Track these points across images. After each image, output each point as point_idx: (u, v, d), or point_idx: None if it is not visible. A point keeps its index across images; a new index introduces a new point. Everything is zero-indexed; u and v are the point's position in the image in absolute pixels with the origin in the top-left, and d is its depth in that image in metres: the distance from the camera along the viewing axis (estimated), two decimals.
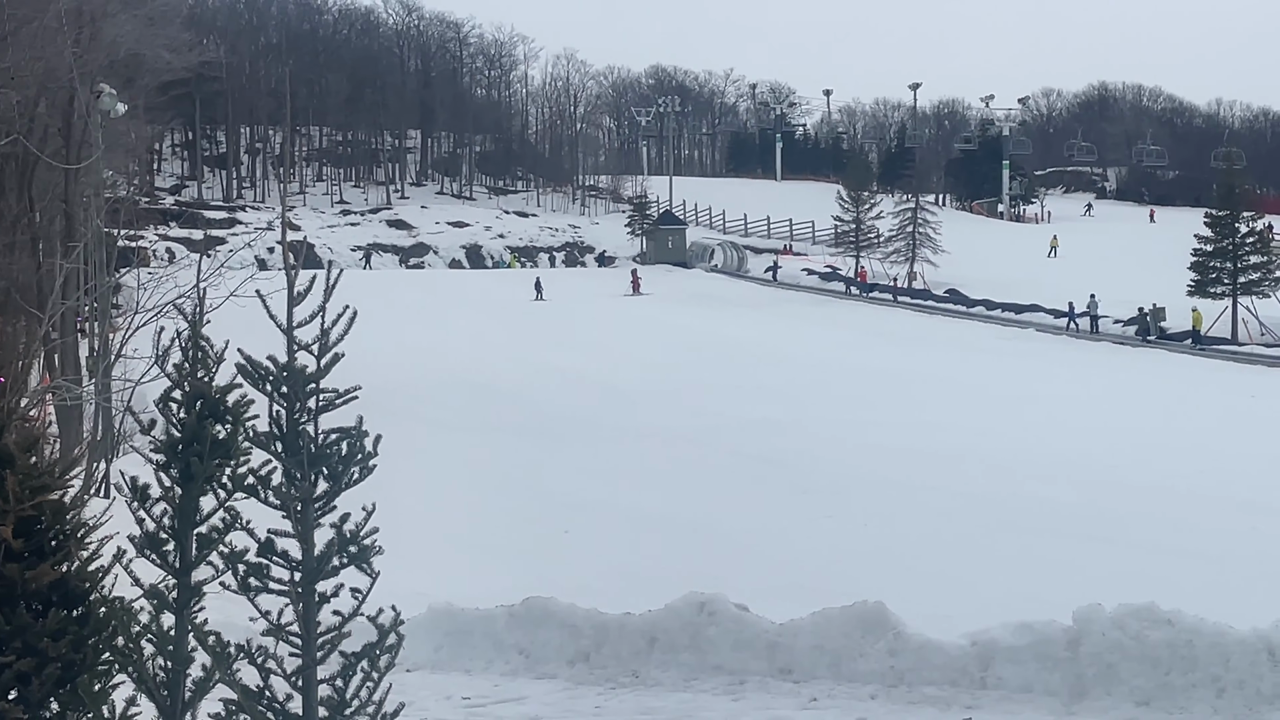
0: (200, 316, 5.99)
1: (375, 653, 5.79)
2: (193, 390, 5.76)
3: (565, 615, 14.68)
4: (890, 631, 13.04)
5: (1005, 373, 54.61)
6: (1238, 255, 73.50)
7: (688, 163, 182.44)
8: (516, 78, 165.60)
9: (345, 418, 5.89)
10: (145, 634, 5.57)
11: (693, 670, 13.52)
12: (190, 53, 57.87)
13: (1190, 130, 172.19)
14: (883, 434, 39.37)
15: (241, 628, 6.11)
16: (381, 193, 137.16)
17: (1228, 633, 11.90)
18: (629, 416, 43.34)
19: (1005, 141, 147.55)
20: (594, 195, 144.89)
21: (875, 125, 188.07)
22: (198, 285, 7.18)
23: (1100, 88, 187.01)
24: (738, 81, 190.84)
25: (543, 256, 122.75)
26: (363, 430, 5.89)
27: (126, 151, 52.69)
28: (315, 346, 5.83)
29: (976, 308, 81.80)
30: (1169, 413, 44.20)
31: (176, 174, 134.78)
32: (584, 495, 31.91)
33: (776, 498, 31.47)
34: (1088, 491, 31.27)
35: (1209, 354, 65.15)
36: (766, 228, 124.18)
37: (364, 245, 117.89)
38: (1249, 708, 11.31)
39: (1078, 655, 12.14)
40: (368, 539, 5.82)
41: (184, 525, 5.70)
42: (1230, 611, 12.77)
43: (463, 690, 13.66)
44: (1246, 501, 29.72)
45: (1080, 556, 24.45)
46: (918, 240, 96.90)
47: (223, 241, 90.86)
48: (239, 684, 5.60)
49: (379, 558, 5.89)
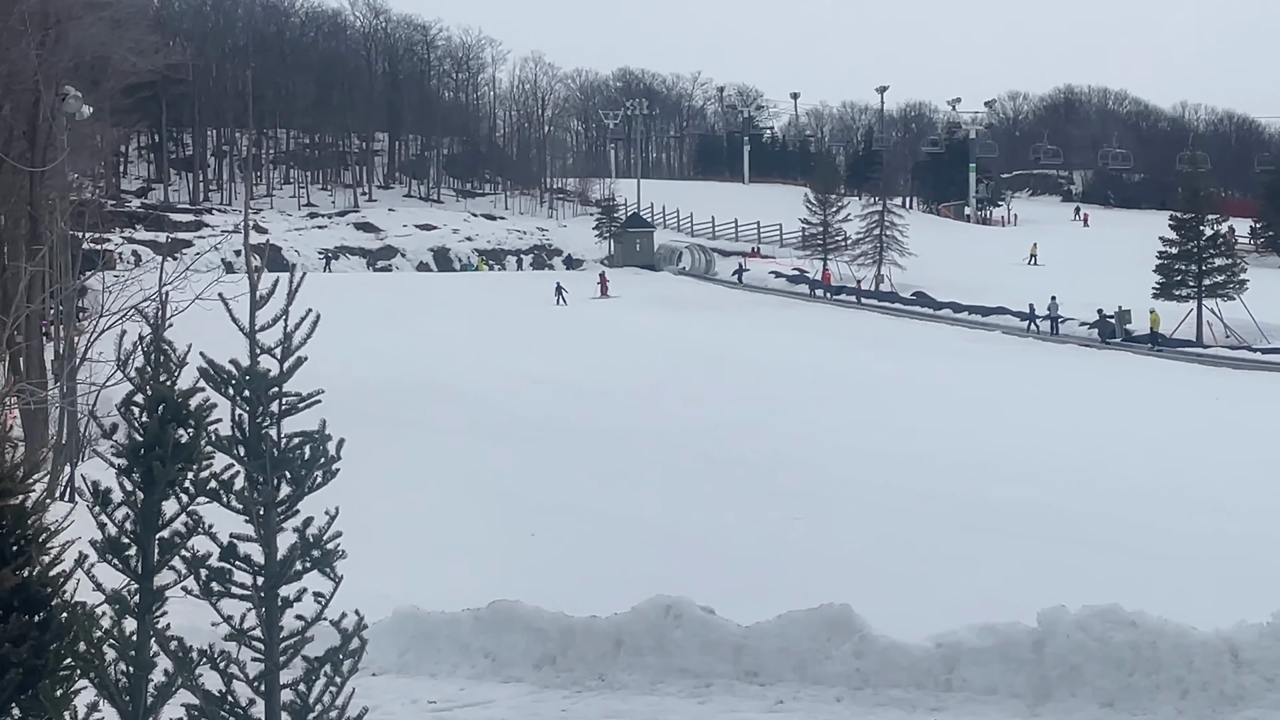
0: (162, 320, 5.98)
1: (339, 657, 5.77)
2: (155, 394, 5.74)
3: (531, 618, 14.67)
4: (856, 634, 13.06)
5: (972, 375, 54.73)
6: (1202, 258, 73.84)
7: (655, 165, 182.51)
8: (484, 80, 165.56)
9: (309, 421, 5.88)
10: (107, 639, 5.55)
11: (659, 673, 13.52)
12: (156, 55, 57.69)
13: (1155, 133, 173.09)
14: (849, 436, 39.43)
15: (204, 633, 6.09)
16: (349, 195, 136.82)
17: (1191, 634, 11.95)
18: (595, 419, 43.31)
19: (972, 145, 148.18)
20: (562, 198, 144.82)
21: (842, 128, 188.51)
22: (160, 289, 7.17)
23: (1066, 91, 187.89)
24: (705, 84, 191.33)
25: (510, 259, 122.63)
26: (326, 434, 5.88)
27: (92, 154, 52.50)
28: (278, 350, 5.82)
29: (943, 310, 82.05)
30: (1134, 415, 44.34)
31: (142, 176, 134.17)
32: (550, 498, 31.86)
33: (743, 500, 31.46)
34: (1053, 493, 31.34)
35: (1175, 356, 65.42)
36: (734, 230, 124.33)
37: (331, 248, 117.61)
38: (1212, 709, 11.36)
39: (1042, 657, 12.18)
40: (331, 543, 5.81)
41: (146, 530, 5.69)
42: (1194, 613, 12.82)
43: (428, 694, 13.63)
44: (1210, 503, 29.83)
45: (1045, 558, 24.51)
46: (885, 243, 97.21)
47: (189, 244, 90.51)
48: (201, 689, 5.59)
49: (343, 562, 5.88)
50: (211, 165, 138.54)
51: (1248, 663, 11.56)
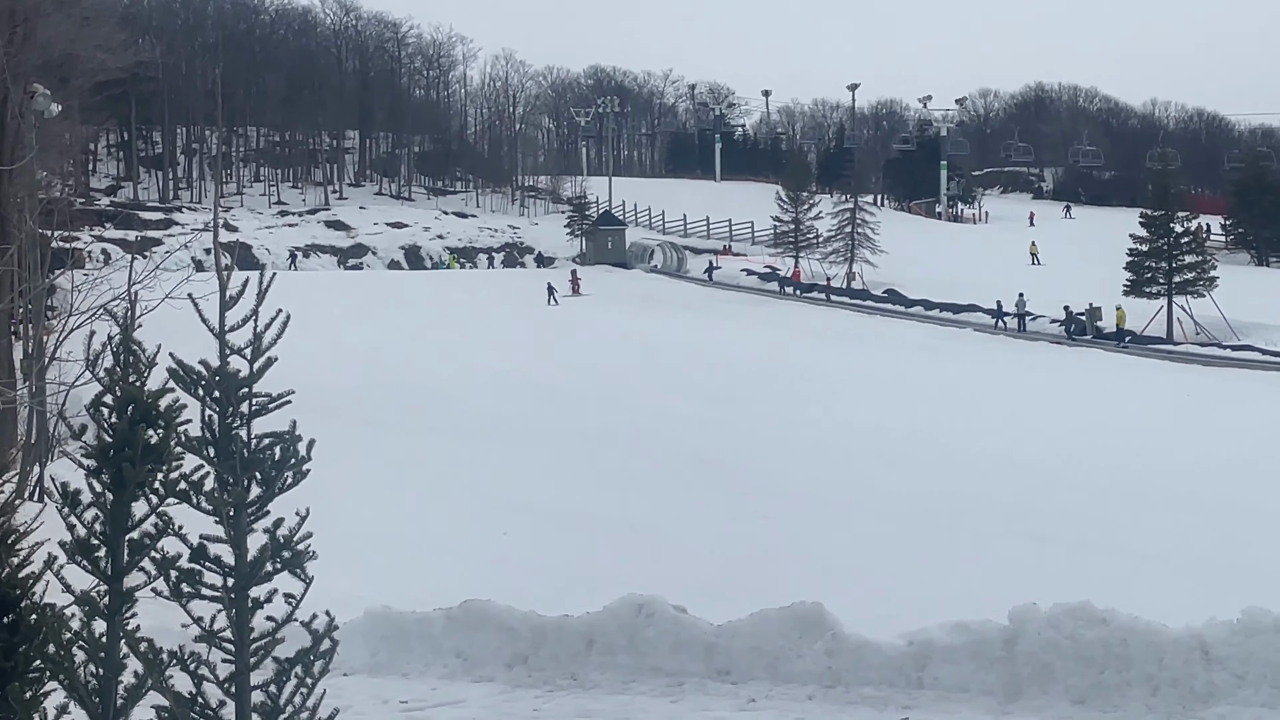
0: (132, 320, 5.95)
1: (309, 658, 5.75)
2: (124, 395, 5.72)
3: (503, 618, 14.65)
4: (828, 632, 13.07)
5: (942, 373, 54.87)
6: (1172, 255, 74.11)
7: (627, 163, 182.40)
8: (455, 78, 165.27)
9: (279, 422, 5.86)
10: (76, 641, 5.53)
11: (631, 672, 13.52)
12: (125, 53, 57.37)
13: (1126, 131, 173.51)
14: (820, 434, 39.51)
15: (174, 634, 6.07)
16: (319, 193, 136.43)
17: (1162, 631, 11.99)
18: (567, 418, 43.32)
19: (943, 142, 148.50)
20: (533, 196, 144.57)
21: (814, 126, 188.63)
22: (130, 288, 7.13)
23: (1037, 89, 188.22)
24: (677, 82, 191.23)
25: (482, 257, 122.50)
26: (296, 434, 5.86)
27: (61, 152, 52.25)
28: (248, 350, 5.80)
29: (914, 308, 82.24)
30: (1105, 412, 44.50)
31: (112, 175, 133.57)
32: (521, 497, 31.86)
33: (715, 498, 31.51)
34: (1024, 491, 31.47)
35: (1145, 353, 65.67)
36: (706, 228, 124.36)
37: (302, 246, 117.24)
38: (1183, 706, 11.39)
39: (1013, 655, 12.20)
40: (301, 544, 5.79)
41: (115, 531, 5.66)
42: (1164, 610, 12.87)
43: (400, 694, 13.61)
44: (1181, 500, 29.99)
45: (1016, 556, 24.60)
46: (856, 240, 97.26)
47: (159, 243, 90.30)
48: (171, 691, 5.56)
49: (313, 562, 5.86)
50: (181, 163, 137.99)
51: (1218, 659, 11.60)
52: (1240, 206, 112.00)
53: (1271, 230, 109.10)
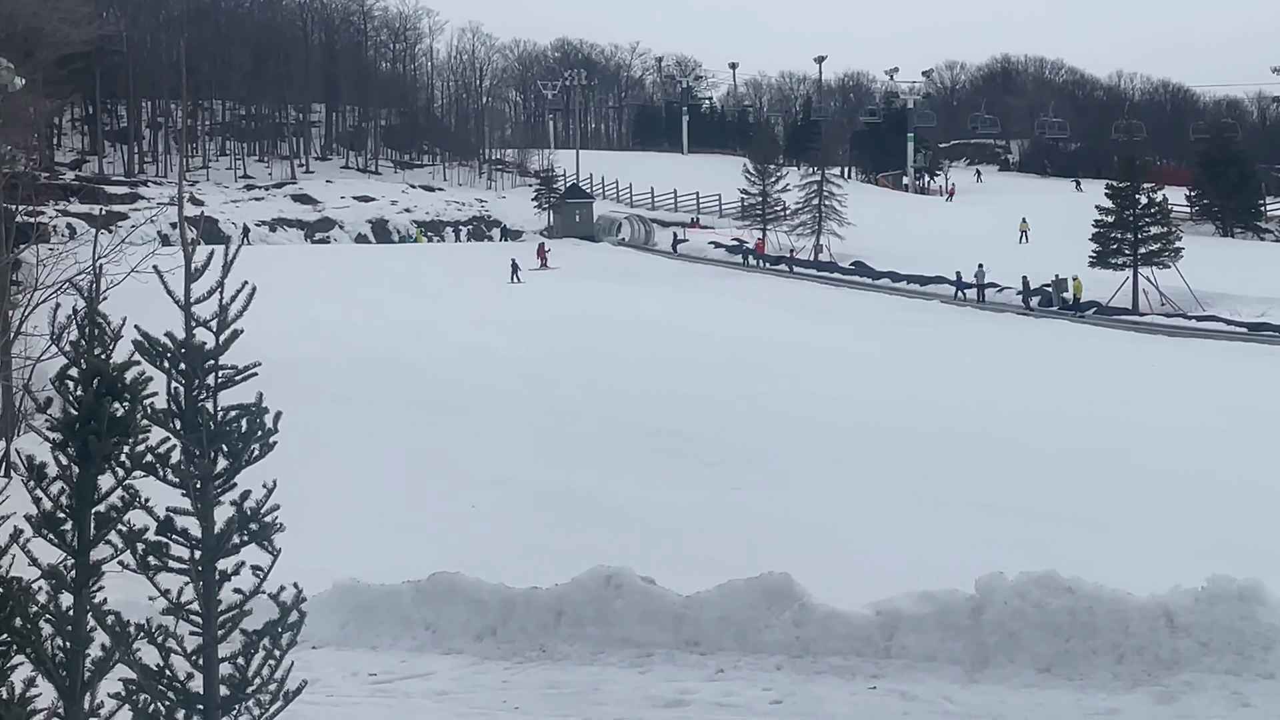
0: (97, 293, 5.93)
1: (277, 630, 5.76)
2: (90, 368, 5.70)
3: (472, 590, 14.67)
4: (796, 603, 13.13)
5: (909, 344, 54.98)
6: (1137, 226, 74.33)
7: (594, 136, 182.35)
8: (421, 51, 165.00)
9: (245, 394, 5.86)
10: (43, 614, 5.51)
11: (600, 643, 13.56)
12: (89, 25, 57.17)
13: (1091, 102, 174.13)
14: (788, 406, 39.55)
15: (141, 607, 6.06)
16: (286, 167, 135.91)
17: (1127, 600, 12.07)
18: (534, 391, 43.29)
19: (910, 114, 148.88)
20: (500, 169, 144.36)
21: (781, 98, 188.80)
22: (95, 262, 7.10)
23: (1003, 61, 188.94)
24: (644, 55, 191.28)
25: (449, 231, 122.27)
26: (263, 407, 5.85)
27: (25, 126, 51.91)
28: (214, 323, 5.79)
29: (882, 279, 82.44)
30: (1069, 383, 44.65)
31: (77, 149, 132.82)
32: (490, 470, 31.85)
33: (683, 471, 31.53)
34: (990, 461, 31.55)
35: (1111, 324, 65.89)
36: (674, 201, 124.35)
37: (269, 220, 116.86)
38: (1148, 673, 11.48)
39: (980, 624, 12.28)
40: (269, 516, 5.79)
41: (82, 504, 5.64)
42: (1129, 579, 12.96)
43: (369, 667, 13.63)
44: (1145, 470, 30.10)
45: (982, 526, 24.68)
46: (824, 213, 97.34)
47: (124, 217, 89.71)
48: (139, 663, 5.56)
49: (281, 535, 5.85)
50: (146, 137, 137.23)
51: (1183, 627, 11.68)
52: (1205, 178, 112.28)
53: (1236, 201, 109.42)
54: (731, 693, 11.95)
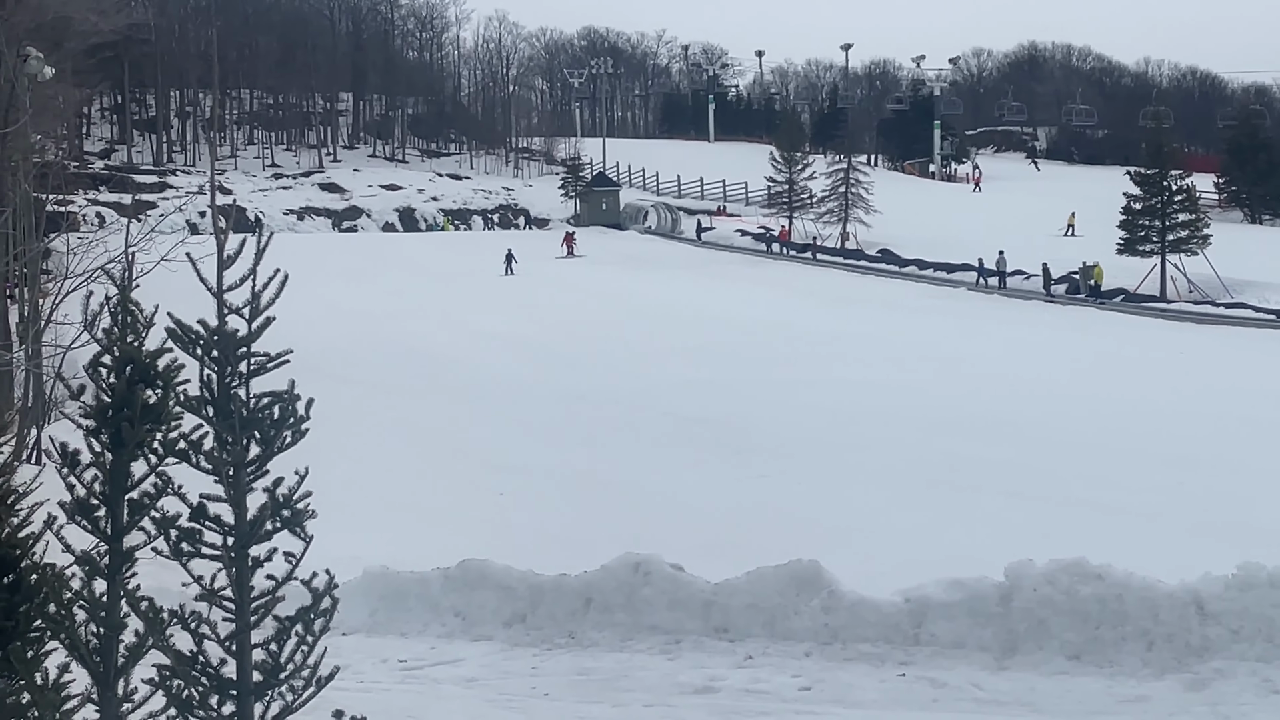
0: (129, 280, 5.95)
1: (310, 617, 5.77)
2: (122, 355, 5.71)
3: (501, 577, 14.70)
4: (825, 590, 13.12)
5: (937, 331, 54.86)
6: (1166, 213, 74.04)
7: (621, 124, 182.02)
8: (448, 40, 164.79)
9: (277, 381, 5.87)
10: (77, 601, 5.54)
11: (629, 630, 13.57)
12: (118, 15, 57.16)
13: (1119, 89, 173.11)
14: (816, 394, 39.51)
15: (174, 593, 6.08)
16: (313, 156, 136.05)
17: (1157, 586, 12.05)
18: (563, 379, 43.31)
19: (936, 102, 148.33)
20: (527, 157, 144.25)
21: (807, 86, 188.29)
22: (126, 250, 7.12)
23: (1030, 47, 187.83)
24: (670, 43, 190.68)
25: (476, 219, 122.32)
26: (295, 394, 5.86)
27: (54, 115, 52.10)
28: (246, 310, 5.80)
29: (909, 267, 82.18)
30: (1100, 370, 44.52)
31: (106, 138, 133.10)
32: (519, 458, 31.90)
33: (711, 458, 31.53)
34: (1019, 448, 31.48)
35: (1139, 311, 65.61)
36: (700, 189, 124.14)
37: (296, 209, 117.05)
38: (1178, 660, 11.45)
39: (1009, 611, 12.26)
40: (301, 503, 5.80)
41: (115, 491, 5.67)
42: (1159, 566, 12.92)
43: (399, 653, 13.67)
44: (1175, 457, 30.00)
45: (1012, 513, 24.64)
46: (850, 200, 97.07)
47: (153, 206, 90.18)
48: (172, 650, 5.58)
49: (313, 522, 5.86)
50: (175, 126, 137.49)
51: (1213, 615, 11.65)
52: (1233, 164, 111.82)
53: (1264, 188, 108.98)
54: (760, 679, 11.95)
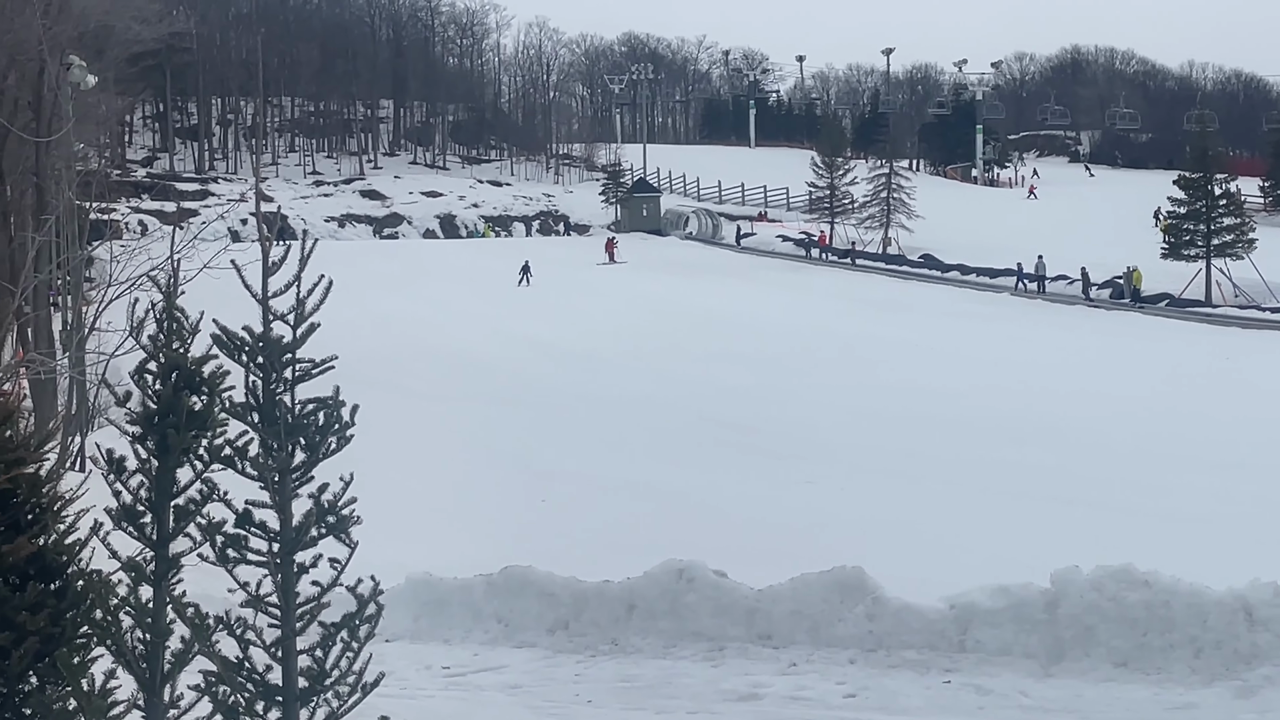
0: (174, 287, 5.96)
1: (355, 623, 5.76)
2: (168, 362, 5.72)
3: (544, 584, 14.68)
4: (869, 596, 13.07)
5: (980, 337, 54.71)
6: (1211, 217, 73.68)
7: (661, 130, 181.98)
8: (489, 46, 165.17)
9: (322, 388, 5.86)
10: (123, 607, 5.54)
11: (672, 637, 13.54)
12: (160, 23, 57.55)
13: (1163, 93, 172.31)
14: (858, 399, 39.45)
15: (220, 599, 6.09)
16: (354, 163, 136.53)
17: (1204, 593, 11.95)
18: (605, 385, 43.34)
19: (979, 106, 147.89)
20: (568, 164, 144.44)
21: (849, 91, 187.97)
22: (171, 257, 7.14)
23: (1073, 51, 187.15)
24: (711, 48, 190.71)
25: (517, 225, 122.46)
26: (340, 400, 5.85)
27: (97, 124, 52.46)
28: (291, 316, 5.79)
29: (951, 272, 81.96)
30: (1144, 375, 44.31)
31: (148, 146, 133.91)
32: (561, 463, 31.91)
33: (754, 464, 31.51)
34: (1065, 454, 31.37)
35: (1184, 316, 65.26)
36: (741, 194, 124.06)
37: (337, 216, 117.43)
38: (1226, 667, 11.36)
39: (1055, 617, 12.19)
40: (346, 509, 5.79)
41: (161, 497, 5.67)
42: (1207, 572, 12.82)
43: (442, 660, 13.67)
44: (1221, 462, 29.85)
45: (1057, 519, 24.54)
46: (892, 205, 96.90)
47: (195, 214, 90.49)
48: (218, 655, 5.58)
49: (357, 528, 5.86)
50: (216, 134, 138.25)
51: (1261, 621, 11.56)
52: (1279, 168, 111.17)
53: None
54: (805, 686, 11.91)
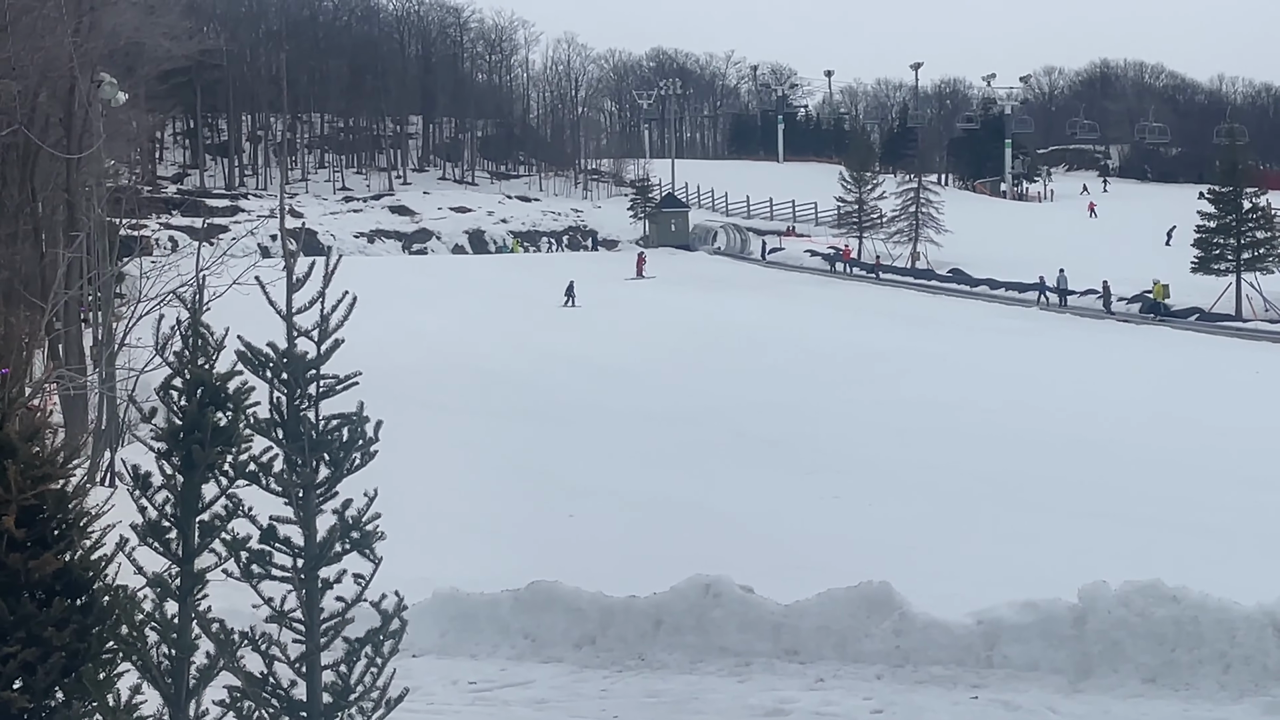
0: (200, 304, 5.98)
1: (379, 638, 5.78)
2: (193, 378, 5.75)
3: (570, 599, 14.67)
4: (896, 611, 13.04)
5: (1009, 351, 54.60)
6: (1241, 231, 73.47)
7: (690, 145, 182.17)
8: (517, 62, 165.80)
9: (346, 403, 5.89)
10: (149, 622, 5.57)
11: (699, 652, 13.52)
12: (190, 40, 57.81)
13: (1192, 107, 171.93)
14: (886, 414, 39.37)
15: (245, 615, 6.11)
16: (384, 179, 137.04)
17: (1233, 608, 11.90)
18: (632, 399, 43.34)
19: (1007, 120, 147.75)
20: (596, 179, 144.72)
21: (877, 105, 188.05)
22: (198, 273, 7.18)
23: (1102, 65, 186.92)
24: (739, 63, 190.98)
25: (545, 241, 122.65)
26: (364, 416, 5.88)
27: (128, 140, 52.67)
28: (315, 332, 5.82)
29: (980, 287, 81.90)
30: (1174, 389, 44.15)
31: (178, 162, 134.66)
32: (587, 478, 31.89)
33: (781, 479, 31.45)
34: (1093, 469, 31.25)
35: (1214, 330, 65.05)
36: (769, 209, 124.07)
37: (366, 231, 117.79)
38: (1255, 683, 11.31)
39: (1083, 633, 12.14)
40: (370, 524, 5.82)
41: (186, 513, 5.70)
42: (1236, 587, 12.77)
43: (469, 675, 13.66)
44: (1251, 477, 29.69)
45: (1085, 534, 24.45)
46: (921, 220, 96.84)
47: (225, 229, 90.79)
48: (243, 671, 5.60)
49: (382, 543, 5.88)
50: (246, 150, 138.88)
51: None
52: None
53: None
54: (831, 702, 11.88)
